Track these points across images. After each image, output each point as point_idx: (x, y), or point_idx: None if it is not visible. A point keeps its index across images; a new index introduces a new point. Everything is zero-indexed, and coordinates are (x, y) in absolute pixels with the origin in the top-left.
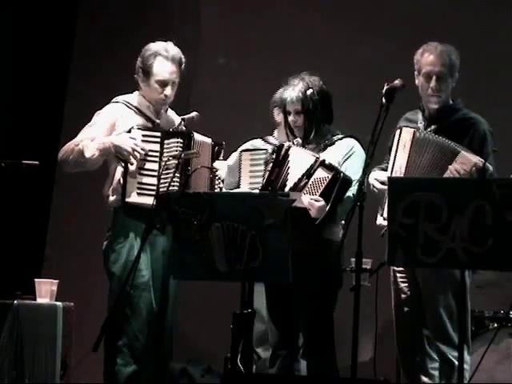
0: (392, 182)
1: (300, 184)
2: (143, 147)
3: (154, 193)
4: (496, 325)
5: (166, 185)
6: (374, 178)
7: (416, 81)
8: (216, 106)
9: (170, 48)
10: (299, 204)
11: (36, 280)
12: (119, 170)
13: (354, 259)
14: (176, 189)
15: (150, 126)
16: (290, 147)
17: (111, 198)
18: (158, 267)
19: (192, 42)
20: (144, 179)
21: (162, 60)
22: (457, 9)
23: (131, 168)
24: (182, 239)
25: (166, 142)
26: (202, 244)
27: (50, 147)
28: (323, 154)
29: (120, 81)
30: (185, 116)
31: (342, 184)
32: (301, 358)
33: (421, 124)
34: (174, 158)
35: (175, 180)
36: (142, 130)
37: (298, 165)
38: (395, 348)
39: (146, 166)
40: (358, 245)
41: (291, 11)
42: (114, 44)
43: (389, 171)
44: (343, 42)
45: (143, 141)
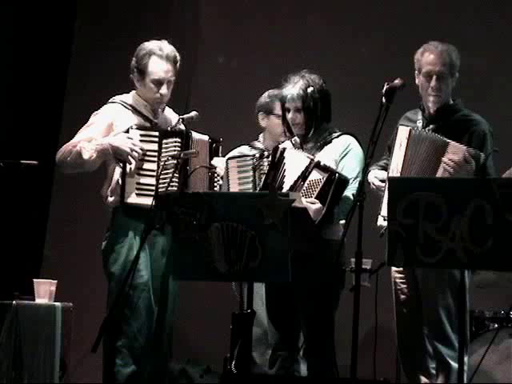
0: (392, 181)
1: (296, 186)
2: (141, 147)
3: (152, 193)
4: (496, 325)
5: (165, 185)
6: (374, 176)
7: (416, 80)
8: (216, 106)
9: (165, 47)
10: (299, 204)
11: (35, 280)
12: (117, 171)
13: (353, 259)
14: (175, 189)
15: (147, 125)
16: (284, 149)
17: (110, 199)
18: (158, 267)
19: (192, 41)
20: (142, 179)
21: (156, 59)
22: (457, 9)
23: (130, 168)
24: (182, 239)
25: (164, 141)
26: (202, 244)
27: (49, 147)
28: (320, 153)
29: (119, 81)
30: (184, 116)
31: (338, 185)
32: (301, 358)
33: (419, 123)
34: (173, 157)
35: (174, 180)
36: (139, 129)
37: (293, 167)
38: (395, 348)
39: (144, 166)
40: (357, 245)
41: (291, 11)
42: (114, 44)
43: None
44: (343, 42)
45: (141, 140)
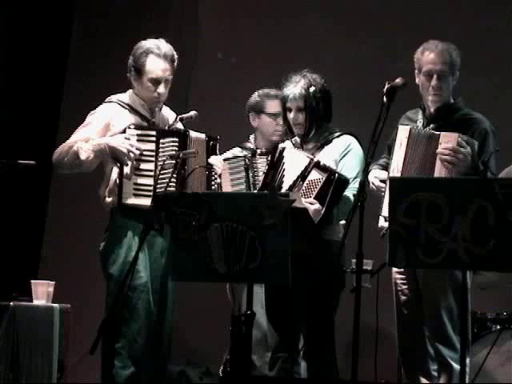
0: (393, 181)
1: (295, 186)
2: (138, 147)
3: (150, 193)
4: (498, 327)
5: (164, 185)
6: (375, 176)
7: (416, 79)
8: (215, 106)
9: (162, 45)
10: (299, 204)
11: (32, 281)
12: (115, 171)
13: (354, 260)
14: (174, 189)
15: (145, 124)
16: (284, 149)
17: (107, 199)
18: (157, 268)
19: (191, 41)
20: (140, 180)
21: (154, 58)
22: (457, 9)
23: (127, 169)
24: (181, 240)
25: (162, 141)
26: (201, 245)
27: (47, 147)
28: (320, 152)
29: (117, 81)
30: (183, 115)
31: (338, 185)
32: (301, 360)
33: (420, 123)
34: (171, 157)
35: (173, 180)
36: (137, 129)
37: (292, 167)
38: (396, 349)
39: (141, 166)
40: (358, 246)
41: (291, 11)
42: (112, 43)
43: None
44: (343, 42)
45: (138, 140)
